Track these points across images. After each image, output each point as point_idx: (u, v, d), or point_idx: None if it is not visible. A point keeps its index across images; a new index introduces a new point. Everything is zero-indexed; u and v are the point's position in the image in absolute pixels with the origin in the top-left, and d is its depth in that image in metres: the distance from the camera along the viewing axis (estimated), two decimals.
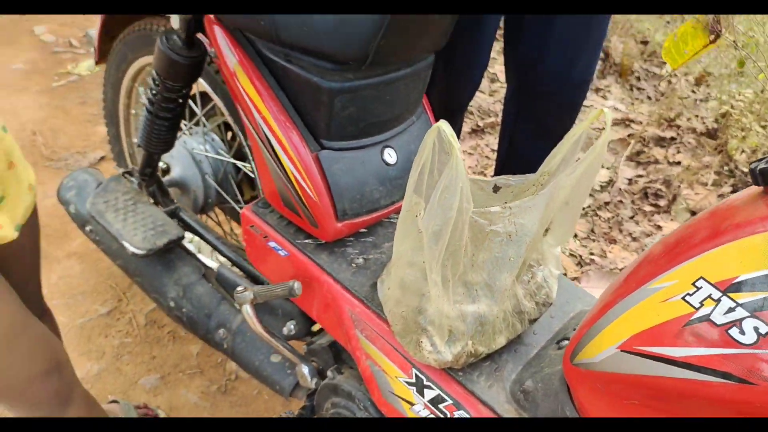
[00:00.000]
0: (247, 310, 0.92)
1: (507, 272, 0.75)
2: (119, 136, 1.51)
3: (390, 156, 0.96)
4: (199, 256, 1.25)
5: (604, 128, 0.71)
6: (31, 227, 0.88)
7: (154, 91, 1.05)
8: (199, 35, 0.97)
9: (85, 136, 1.99)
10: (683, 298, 0.54)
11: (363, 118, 0.90)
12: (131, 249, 1.13)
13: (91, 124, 2.04)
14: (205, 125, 1.33)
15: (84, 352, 1.42)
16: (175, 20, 0.93)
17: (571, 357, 0.68)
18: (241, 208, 1.36)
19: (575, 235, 1.79)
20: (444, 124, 0.63)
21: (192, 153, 1.32)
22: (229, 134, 1.37)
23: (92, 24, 2.48)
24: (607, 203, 1.90)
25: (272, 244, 0.98)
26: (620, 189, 1.93)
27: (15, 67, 2.23)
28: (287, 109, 0.88)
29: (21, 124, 2.00)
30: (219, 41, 0.90)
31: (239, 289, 0.92)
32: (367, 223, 0.96)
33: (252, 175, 1.37)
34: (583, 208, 1.89)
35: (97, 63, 1.44)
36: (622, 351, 0.60)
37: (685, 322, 0.53)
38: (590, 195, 1.93)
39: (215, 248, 1.23)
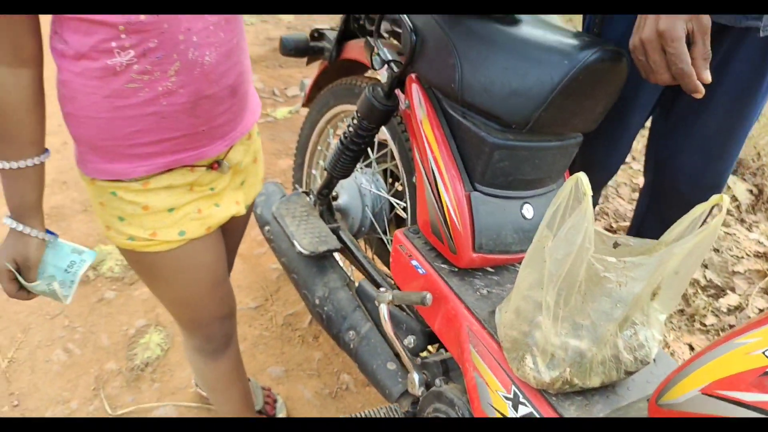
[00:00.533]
0: (384, 309, 1.12)
1: (611, 319, 0.87)
2: (303, 164, 1.84)
3: (528, 211, 1.13)
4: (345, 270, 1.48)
5: (720, 211, 0.83)
6: (249, 209, 1.17)
7: (350, 128, 1.32)
8: (397, 91, 1.24)
9: (269, 165, 2.39)
10: (764, 353, 0.64)
11: (512, 173, 1.09)
12: (299, 248, 1.39)
13: (276, 157, 2.44)
14: (372, 167, 1.60)
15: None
16: (383, 75, 1.21)
17: (656, 398, 0.78)
18: (387, 239, 1.60)
19: (690, 347, 1.79)
20: (582, 176, 0.80)
21: (360, 187, 1.59)
22: (390, 179, 1.63)
23: (295, 81, 2.99)
24: (731, 326, 1.87)
25: (414, 262, 1.17)
26: (748, 316, 1.89)
27: None
28: (454, 154, 1.09)
29: None
30: (414, 95, 1.15)
31: (382, 290, 1.12)
32: (496, 262, 1.12)
33: (402, 215, 1.60)
34: (706, 325, 1.87)
35: (303, 105, 1.80)
36: (702, 394, 0.70)
37: (761, 372, 0.63)
38: (716, 315, 1.92)
39: (360, 265, 1.45)
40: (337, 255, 1.53)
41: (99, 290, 1.78)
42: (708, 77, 0.88)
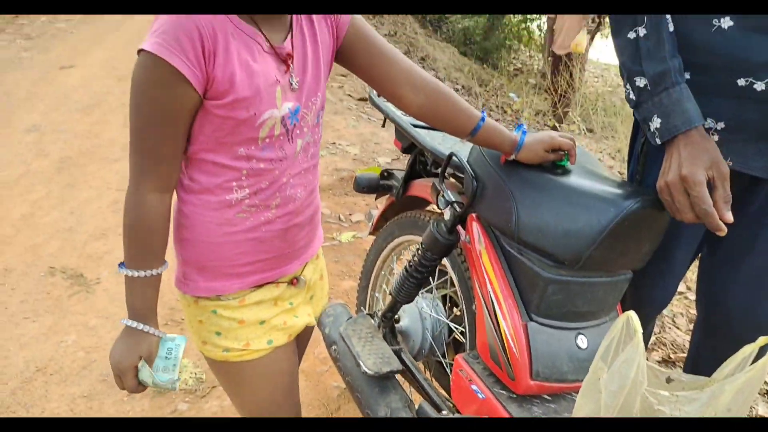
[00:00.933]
0: None
1: None
2: (367, 287, 1.98)
3: (582, 341, 1.21)
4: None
5: None
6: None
7: (415, 257, 1.47)
8: (459, 227, 1.39)
9: (333, 286, 2.54)
10: None
11: (566, 306, 1.18)
12: (364, 368, 1.48)
13: (339, 278, 2.60)
14: (433, 293, 1.72)
15: None
16: (446, 213, 1.36)
17: None
18: (445, 362, 1.67)
19: None
20: (633, 315, 0.89)
21: (420, 311, 1.70)
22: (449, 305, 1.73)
23: (359, 208, 3.23)
24: None
25: (474, 387, 1.24)
26: None
27: None
28: (511, 286, 1.21)
29: None
30: (474, 232, 1.29)
31: (444, 412, 1.19)
32: (553, 389, 1.18)
33: (461, 340, 1.69)
34: None
35: (370, 234, 1.98)
36: None
37: None
38: None
39: (421, 387, 1.53)
40: (398, 376, 1.61)
41: (173, 402, 1.90)
42: (729, 217, 0.99)
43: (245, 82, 0.91)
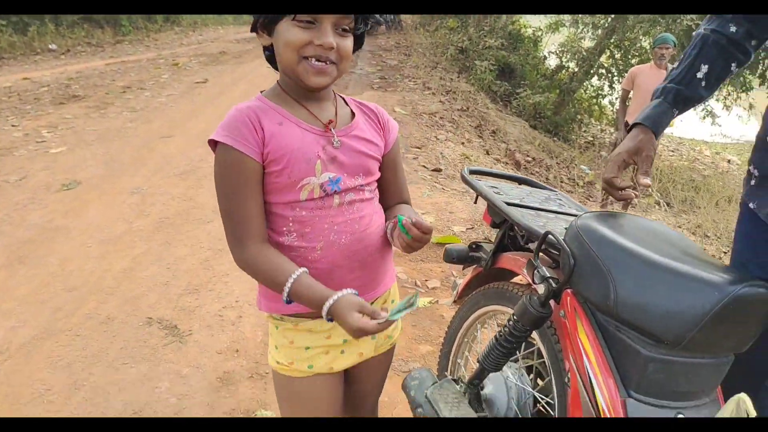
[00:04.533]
0: None
1: None
2: (450, 353, 2.02)
3: None
4: None
5: None
6: (386, 357, 1.48)
7: (506, 328, 1.51)
8: (551, 301, 1.43)
9: (409, 350, 2.59)
10: None
11: (666, 385, 1.19)
12: None
13: (416, 342, 2.64)
14: (519, 362, 1.74)
15: None
16: (540, 288, 1.42)
17: None
18: None
19: None
20: (745, 397, 0.91)
21: (506, 380, 1.73)
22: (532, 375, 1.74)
23: (435, 274, 3.30)
24: None
25: None
26: None
27: None
28: (609, 363, 1.23)
29: None
30: (570, 307, 1.34)
31: None
32: None
33: (543, 410, 1.69)
34: None
35: (454, 302, 2.04)
36: None
37: None
38: None
39: None
40: None
41: None
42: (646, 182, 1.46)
43: (287, 157, 1.15)
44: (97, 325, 2.69)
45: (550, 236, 1.42)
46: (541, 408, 1.74)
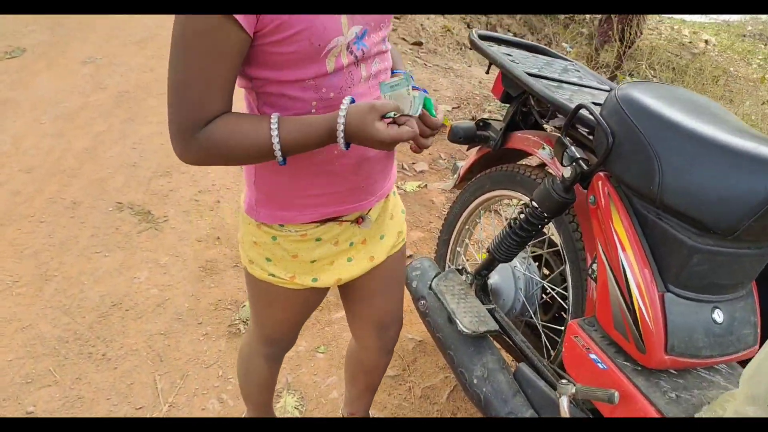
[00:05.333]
0: (564, 402, 1.12)
1: None
2: (449, 241, 1.91)
3: (718, 316, 1.12)
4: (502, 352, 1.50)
5: None
6: (401, 257, 1.30)
7: (522, 215, 1.37)
8: (577, 186, 1.29)
9: None
10: None
11: (708, 277, 1.08)
12: (461, 327, 1.43)
13: (407, 228, 2.53)
14: (527, 251, 1.63)
15: (374, 403, 1.73)
16: (567, 170, 1.26)
17: None
18: (538, 323, 1.61)
19: None
20: None
21: (513, 270, 1.63)
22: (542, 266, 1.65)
23: (422, 157, 3.12)
24: None
25: (593, 356, 1.17)
26: None
27: None
28: (647, 254, 1.11)
29: None
30: (601, 191, 1.19)
31: (563, 381, 1.13)
32: (686, 365, 1.10)
33: (551, 302, 1.61)
34: None
35: (455, 187, 1.89)
36: None
37: None
38: None
39: (519, 349, 1.47)
40: None
41: None
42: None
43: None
44: (63, 210, 2.48)
45: (583, 110, 1.24)
46: (548, 300, 1.67)
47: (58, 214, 2.45)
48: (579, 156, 1.23)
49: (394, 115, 0.88)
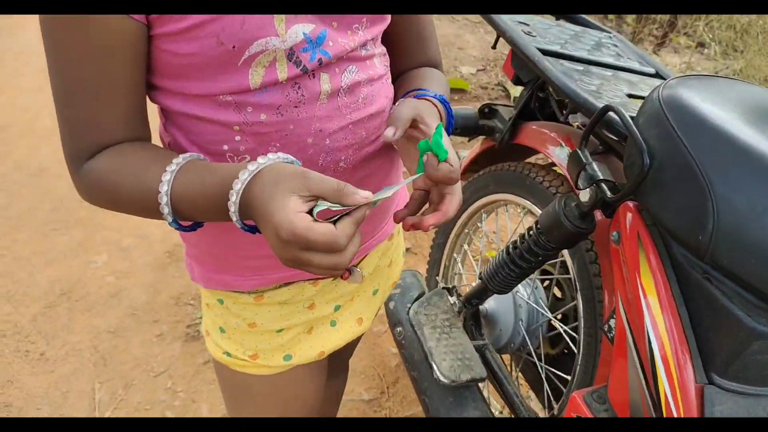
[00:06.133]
0: None
1: None
2: (444, 246, 1.60)
3: None
4: (491, 402, 1.21)
5: None
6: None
7: (522, 241, 1.06)
8: (597, 212, 0.96)
9: None
10: None
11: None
12: (437, 374, 1.14)
13: None
14: (534, 274, 1.32)
15: None
16: (585, 194, 0.93)
17: None
18: (540, 365, 1.30)
19: None
20: None
21: (515, 295, 1.32)
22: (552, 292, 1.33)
23: None
24: None
25: None
26: None
27: None
28: (685, 328, 0.79)
29: None
30: (628, 228, 0.86)
31: None
32: None
33: (560, 335, 1.30)
34: None
35: None
36: None
37: None
38: None
39: (510, 404, 1.18)
40: None
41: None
42: None
43: None
44: (26, 177, 2.25)
45: (611, 114, 0.90)
46: (555, 336, 1.36)
47: (21, 182, 2.22)
48: (601, 177, 0.89)
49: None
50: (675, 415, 0.77)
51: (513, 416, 1.18)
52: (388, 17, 0.73)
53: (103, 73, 0.57)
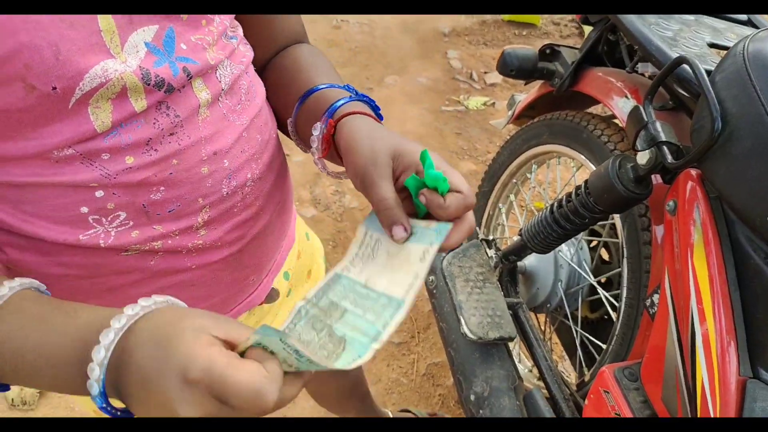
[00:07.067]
0: None
1: None
2: (489, 194, 1.52)
3: None
4: (519, 365, 1.17)
5: None
6: None
7: (569, 200, 0.98)
8: (655, 177, 0.86)
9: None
10: None
11: None
12: (464, 329, 1.10)
13: (458, 156, 2.13)
14: (579, 235, 1.23)
15: (368, 372, 1.49)
16: (643, 156, 0.83)
17: None
18: (575, 329, 1.25)
19: None
20: None
21: (557, 254, 1.25)
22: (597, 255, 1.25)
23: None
24: None
25: None
26: None
27: (419, 80, 2.47)
28: (735, 315, 0.71)
29: (403, 132, 2.20)
30: (687, 199, 0.77)
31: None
32: None
33: (600, 301, 1.24)
34: None
35: (508, 124, 1.46)
36: None
37: None
38: None
39: (538, 367, 1.13)
40: None
41: None
42: None
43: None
44: None
45: (684, 67, 0.79)
46: (595, 300, 1.28)
47: None
48: (663, 139, 0.79)
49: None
50: (710, 407, 0.71)
51: (540, 378, 1.14)
52: None
53: None
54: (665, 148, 0.79)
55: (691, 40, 0.94)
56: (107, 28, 0.42)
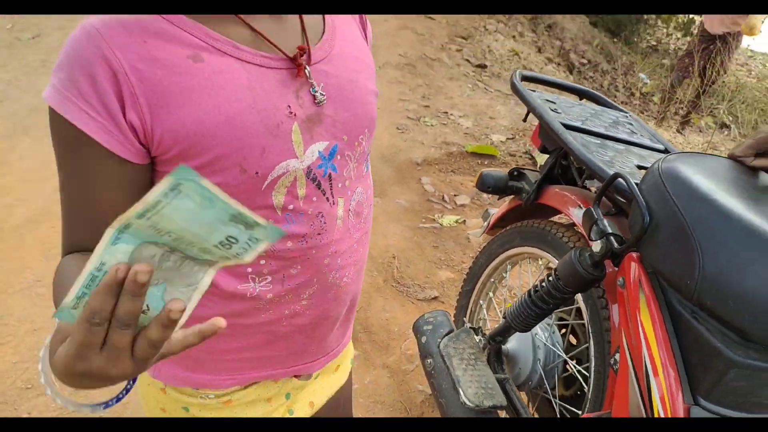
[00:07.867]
0: None
1: None
2: (471, 293, 1.77)
3: None
4: None
5: None
6: (346, 390, 1.00)
7: (544, 285, 1.23)
8: (608, 262, 1.14)
9: (428, 275, 2.36)
10: None
11: (747, 396, 0.91)
12: (463, 398, 1.29)
13: (436, 266, 2.41)
14: (552, 318, 1.48)
15: None
16: (597, 245, 1.11)
17: None
18: (555, 402, 1.45)
19: None
20: None
21: (534, 337, 1.48)
22: (569, 337, 1.49)
23: (465, 190, 2.99)
24: None
25: None
26: None
27: (398, 202, 2.81)
28: (676, 357, 0.95)
29: (387, 246, 2.48)
30: (632, 276, 1.04)
31: None
32: None
33: (574, 376, 1.45)
34: None
35: (484, 233, 1.75)
36: None
37: None
38: None
39: None
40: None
41: None
42: None
43: (223, 132, 0.59)
44: None
45: (619, 180, 1.10)
46: (571, 375, 1.51)
47: None
48: (610, 231, 1.08)
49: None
50: None
51: None
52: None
53: (89, 198, 0.61)
54: (612, 237, 1.07)
55: (623, 162, 1.27)
56: (297, 140, 0.65)
